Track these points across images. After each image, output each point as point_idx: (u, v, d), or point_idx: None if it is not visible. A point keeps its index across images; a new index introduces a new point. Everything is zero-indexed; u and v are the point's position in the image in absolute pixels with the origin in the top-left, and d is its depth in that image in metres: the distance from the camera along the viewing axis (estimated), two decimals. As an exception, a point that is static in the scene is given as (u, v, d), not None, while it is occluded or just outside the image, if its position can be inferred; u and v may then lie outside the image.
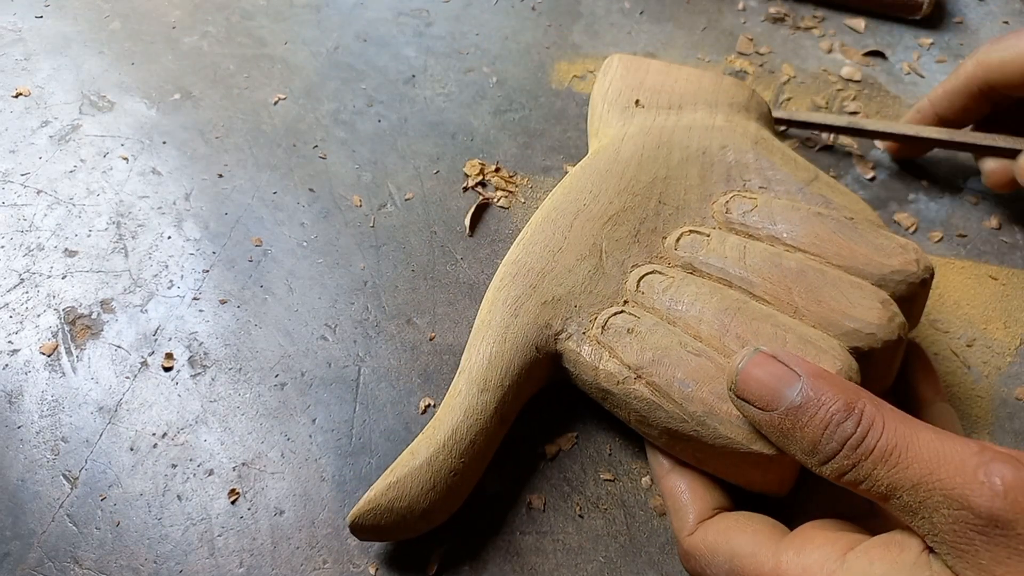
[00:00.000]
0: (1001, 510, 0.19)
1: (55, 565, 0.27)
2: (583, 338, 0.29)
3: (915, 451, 0.21)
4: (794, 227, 0.30)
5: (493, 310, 0.29)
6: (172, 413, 0.31)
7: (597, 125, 0.36)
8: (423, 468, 0.26)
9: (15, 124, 0.41)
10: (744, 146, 0.33)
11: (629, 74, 0.37)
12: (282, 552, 0.28)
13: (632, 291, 0.29)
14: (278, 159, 0.40)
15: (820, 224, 0.30)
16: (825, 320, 0.27)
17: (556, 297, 0.29)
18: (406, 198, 0.38)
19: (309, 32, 0.46)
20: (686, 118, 0.35)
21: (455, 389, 0.28)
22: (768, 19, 0.49)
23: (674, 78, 0.36)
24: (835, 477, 0.22)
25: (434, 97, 0.43)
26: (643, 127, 0.34)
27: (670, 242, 0.31)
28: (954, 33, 0.49)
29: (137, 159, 0.39)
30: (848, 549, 0.22)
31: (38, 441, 0.30)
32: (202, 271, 0.35)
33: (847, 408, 0.22)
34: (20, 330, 0.33)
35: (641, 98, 0.36)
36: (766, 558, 0.23)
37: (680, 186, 0.32)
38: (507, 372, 0.28)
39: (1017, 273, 0.37)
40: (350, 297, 0.35)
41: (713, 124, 0.34)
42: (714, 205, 0.32)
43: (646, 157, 0.33)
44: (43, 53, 0.44)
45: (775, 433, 0.23)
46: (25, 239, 0.36)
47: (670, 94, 0.36)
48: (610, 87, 0.37)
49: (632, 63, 0.38)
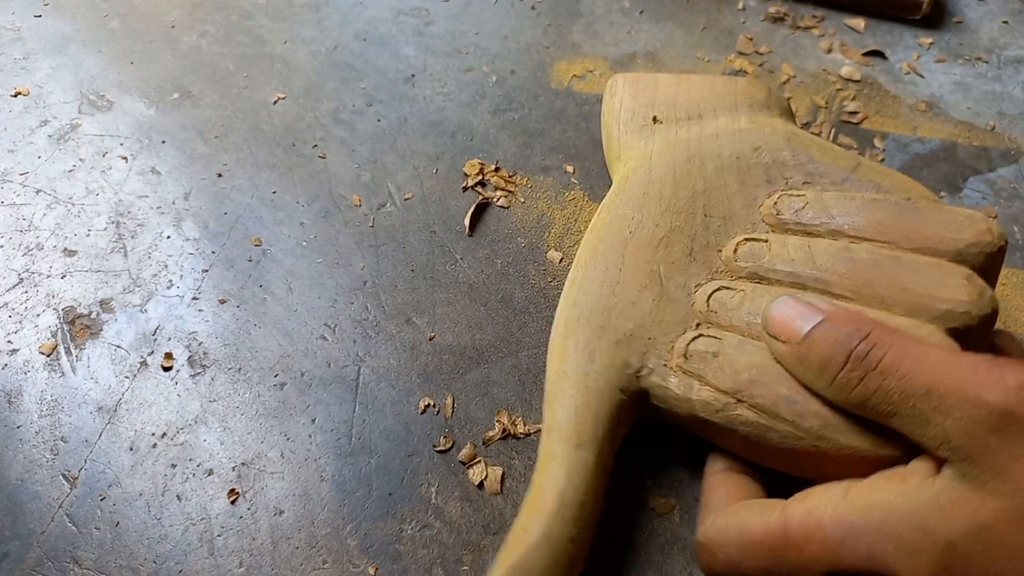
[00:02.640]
0: (1016, 404, 0.19)
1: (54, 565, 0.27)
2: (666, 371, 0.27)
3: (926, 362, 0.21)
4: (853, 217, 0.28)
5: (566, 359, 0.27)
6: (172, 413, 0.31)
7: (617, 149, 0.35)
8: (541, 544, 0.24)
9: (14, 123, 0.40)
10: (778, 144, 0.32)
11: (639, 92, 0.36)
12: (282, 552, 0.28)
13: (704, 312, 0.28)
14: (277, 159, 0.40)
15: (879, 210, 0.28)
16: (915, 307, 0.26)
17: (627, 333, 0.28)
18: (406, 198, 0.38)
19: (309, 31, 0.46)
20: (709, 126, 0.34)
21: (547, 452, 0.26)
22: (768, 19, 0.49)
23: (686, 88, 0.36)
24: (845, 395, 0.22)
25: (434, 96, 0.43)
26: (668, 143, 0.33)
27: (727, 254, 0.29)
28: (954, 33, 0.49)
29: (136, 158, 0.39)
30: (851, 487, 0.22)
31: (37, 441, 0.30)
32: (201, 271, 0.35)
33: (856, 328, 0.23)
34: (19, 330, 0.33)
35: (657, 114, 0.35)
36: (772, 515, 0.23)
37: (722, 196, 0.31)
38: (598, 421, 0.26)
39: (1017, 273, 0.37)
40: (350, 297, 0.35)
41: (739, 128, 0.33)
42: (761, 209, 0.30)
43: (680, 172, 0.32)
44: (42, 52, 0.44)
45: (795, 363, 0.24)
46: (24, 239, 0.36)
47: (686, 105, 0.35)
48: (622, 109, 0.36)
49: (638, 81, 0.37)
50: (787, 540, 0.22)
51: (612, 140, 0.36)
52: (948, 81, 0.45)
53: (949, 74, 0.46)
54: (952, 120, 0.43)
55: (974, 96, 0.45)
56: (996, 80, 0.46)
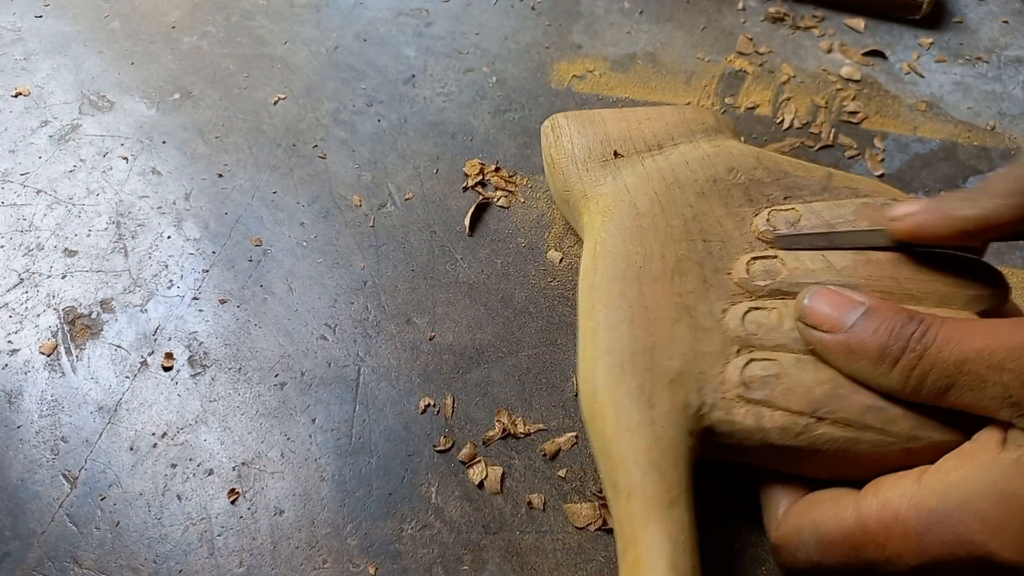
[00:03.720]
0: None
1: (55, 565, 0.27)
2: (728, 403, 0.25)
3: (973, 331, 0.22)
4: (852, 222, 0.29)
5: (622, 411, 0.25)
6: (172, 413, 0.31)
7: (581, 188, 0.33)
8: None
9: (15, 124, 0.41)
10: (750, 163, 0.32)
11: (587, 129, 0.35)
12: (282, 552, 0.28)
13: (742, 336, 0.27)
14: (278, 159, 0.40)
15: (873, 212, 0.29)
16: (947, 296, 0.26)
17: (678, 371, 0.26)
18: (406, 198, 0.38)
19: (309, 32, 0.46)
20: (674, 155, 0.33)
21: (635, 519, 0.24)
22: (768, 19, 0.49)
23: (636, 121, 0.35)
24: (904, 378, 0.23)
25: (434, 97, 0.43)
26: (641, 175, 0.32)
27: (740, 276, 0.29)
28: (954, 33, 0.49)
29: (137, 159, 0.39)
30: (923, 474, 0.22)
31: (38, 441, 0.30)
32: (202, 271, 0.35)
33: (908, 316, 0.23)
34: (20, 330, 0.33)
35: (617, 148, 0.34)
36: (847, 512, 0.23)
37: (711, 219, 0.30)
38: (680, 473, 0.24)
39: (1017, 273, 0.37)
40: (350, 297, 0.35)
41: (705, 153, 0.33)
42: (753, 228, 0.30)
43: (666, 201, 0.31)
44: (43, 53, 0.44)
45: (841, 352, 0.24)
46: (25, 239, 0.36)
47: (642, 137, 0.34)
48: (574, 147, 0.34)
49: (581, 118, 0.35)
50: (867, 537, 0.22)
51: (572, 180, 0.34)
52: (948, 81, 0.45)
53: (949, 74, 0.46)
54: (952, 120, 0.43)
55: (974, 96, 0.45)
56: (996, 80, 0.46)
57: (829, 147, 0.42)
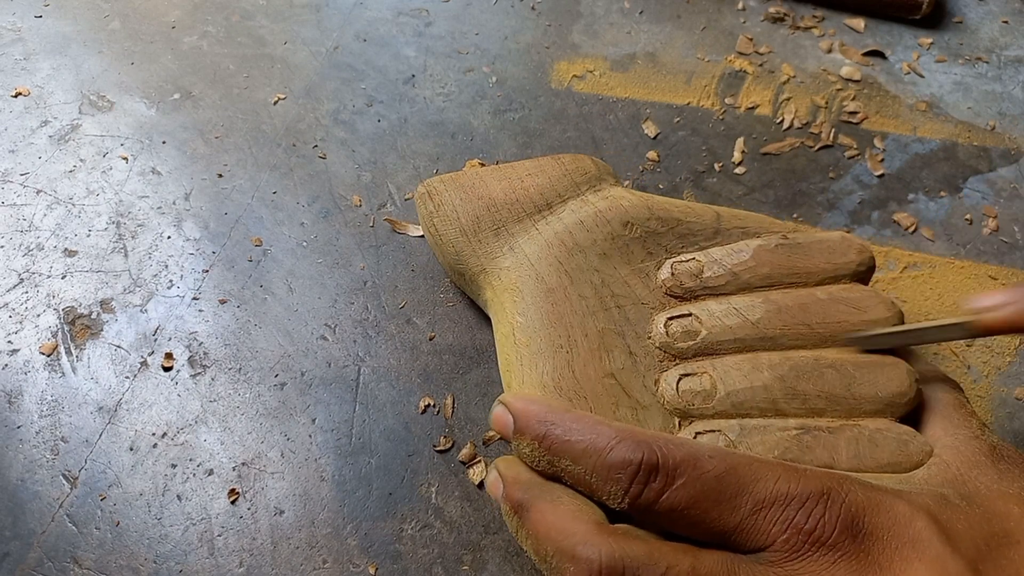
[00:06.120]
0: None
1: (55, 565, 0.27)
2: None
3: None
4: (751, 268, 0.29)
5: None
6: (172, 413, 0.31)
7: (477, 262, 0.31)
8: None
9: (15, 124, 0.41)
10: (642, 215, 0.31)
11: (468, 194, 0.33)
12: (282, 552, 0.28)
13: (681, 407, 0.27)
14: (278, 159, 0.40)
15: (769, 254, 0.30)
16: (856, 330, 0.28)
17: None
18: (406, 198, 0.38)
19: (309, 32, 0.46)
20: (566, 215, 0.32)
21: None
22: (768, 19, 0.49)
23: (518, 178, 0.33)
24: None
25: (434, 97, 0.43)
26: (539, 242, 0.31)
27: (660, 338, 0.28)
28: (954, 33, 0.49)
29: (137, 159, 0.39)
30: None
31: (38, 441, 0.30)
32: (202, 271, 0.35)
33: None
34: (20, 330, 0.33)
35: (504, 214, 0.32)
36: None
37: (618, 281, 0.30)
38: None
39: (1017, 273, 0.37)
40: (350, 297, 0.35)
41: (596, 209, 0.32)
42: (659, 282, 0.30)
43: (571, 269, 0.30)
44: (43, 53, 0.44)
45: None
46: (25, 239, 0.36)
47: (529, 198, 0.33)
48: (460, 215, 0.32)
49: (458, 181, 0.33)
50: None
51: (465, 255, 0.32)
52: (948, 81, 0.45)
53: (949, 74, 0.46)
54: (952, 120, 0.43)
55: (974, 96, 0.45)
56: (996, 80, 0.46)
57: (829, 147, 0.42)
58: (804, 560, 0.20)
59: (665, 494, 0.21)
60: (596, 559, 0.20)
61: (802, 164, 0.41)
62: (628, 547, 0.20)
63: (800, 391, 0.26)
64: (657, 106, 0.43)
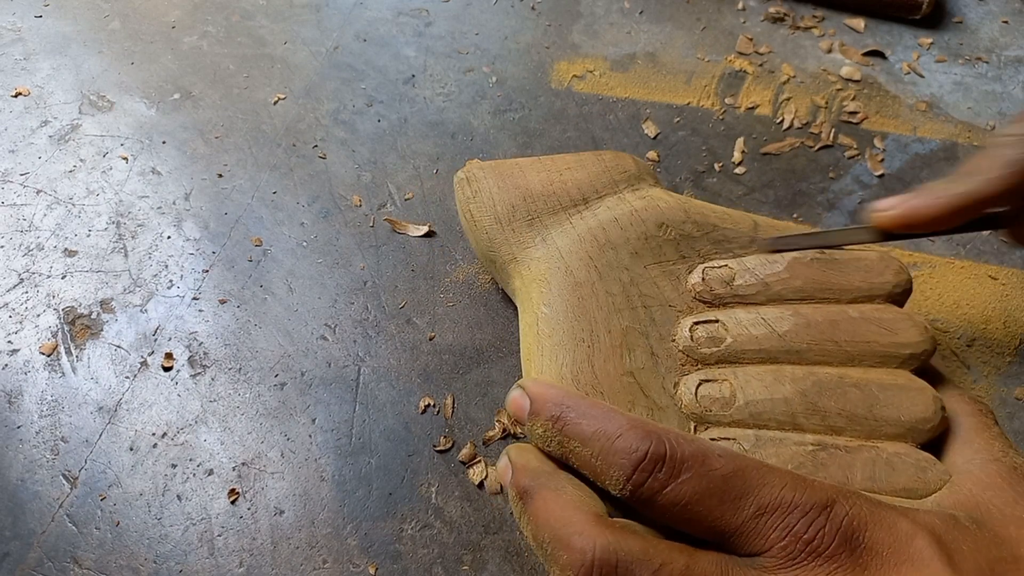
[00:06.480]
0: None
1: (55, 565, 0.27)
2: None
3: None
4: (786, 280, 0.29)
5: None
6: (172, 413, 0.31)
7: (509, 251, 0.32)
8: None
9: (15, 124, 0.41)
10: (679, 217, 0.31)
11: (506, 183, 0.33)
12: (282, 552, 0.28)
13: (698, 412, 0.26)
14: (278, 159, 0.40)
15: (805, 267, 0.29)
16: (882, 356, 0.27)
17: None
18: (406, 198, 0.38)
19: (309, 32, 0.46)
20: (601, 211, 0.32)
21: None
22: (768, 19, 0.49)
23: (558, 171, 0.33)
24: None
25: (434, 97, 0.43)
26: (572, 237, 0.31)
27: (684, 343, 0.28)
28: (954, 33, 0.49)
29: (137, 159, 0.39)
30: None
31: (38, 441, 0.30)
32: (202, 271, 0.35)
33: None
34: (20, 330, 0.33)
35: (540, 205, 0.32)
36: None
37: (648, 282, 0.30)
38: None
39: (1016, 273, 0.37)
40: (350, 297, 0.35)
41: (632, 207, 0.32)
42: (689, 286, 0.30)
43: (601, 266, 0.30)
44: (43, 53, 0.44)
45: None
46: (25, 239, 0.36)
47: (566, 192, 0.33)
48: (496, 203, 0.32)
49: (498, 169, 0.33)
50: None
51: (497, 242, 0.32)
52: (948, 81, 0.45)
53: (949, 74, 0.46)
54: (952, 120, 0.43)
55: (974, 96, 0.45)
56: (996, 80, 0.46)
57: (829, 147, 0.42)
58: (799, 569, 0.20)
59: (669, 487, 0.21)
60: (590, 550, 0.20)
61: (802, 164, 0.41)
62: (624, 541, 0.20)
63: (821, 407, 0.26)
64: (657, 106, 0.43)
